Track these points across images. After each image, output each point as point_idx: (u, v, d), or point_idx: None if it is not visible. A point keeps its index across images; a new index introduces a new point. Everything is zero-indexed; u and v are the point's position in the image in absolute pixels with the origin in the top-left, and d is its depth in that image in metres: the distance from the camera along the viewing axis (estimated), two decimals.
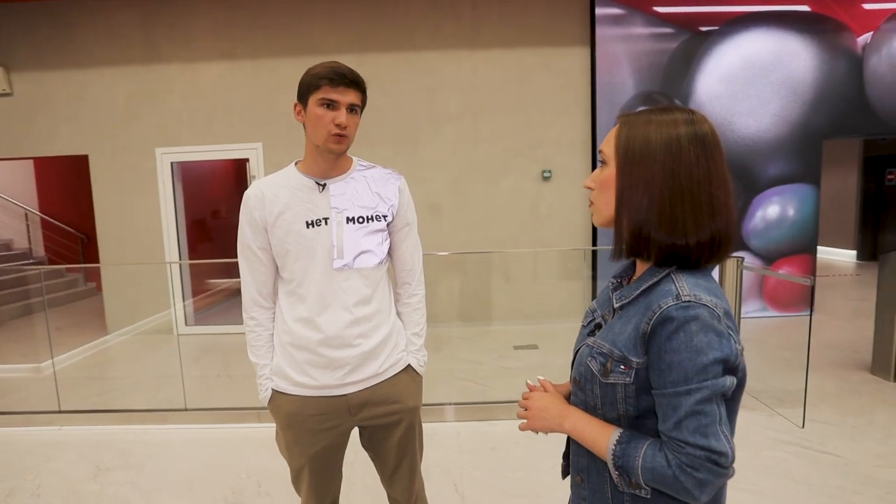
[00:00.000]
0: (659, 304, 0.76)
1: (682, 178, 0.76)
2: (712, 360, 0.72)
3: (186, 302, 5.27)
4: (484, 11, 5.02)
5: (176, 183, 5.15)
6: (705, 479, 0.71)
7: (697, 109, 0.82)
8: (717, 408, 0.72)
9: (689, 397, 0.72)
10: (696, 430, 0.71)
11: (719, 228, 0.78)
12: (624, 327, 0.81)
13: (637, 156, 0.79)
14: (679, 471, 0.72)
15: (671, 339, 0.73)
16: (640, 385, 0.78)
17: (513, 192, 5.22)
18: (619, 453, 0.78)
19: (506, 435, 2.88)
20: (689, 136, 0.77)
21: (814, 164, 5.12)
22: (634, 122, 0.81)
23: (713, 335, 0.72)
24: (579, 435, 0.85)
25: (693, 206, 0.76)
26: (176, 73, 5.04)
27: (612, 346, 0.81)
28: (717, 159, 0.78)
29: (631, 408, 0.80)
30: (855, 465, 2.47)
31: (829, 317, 5.20)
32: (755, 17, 5.01)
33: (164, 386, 3.76)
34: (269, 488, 2.43)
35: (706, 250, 0.78)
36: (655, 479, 0.75)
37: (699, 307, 0.73)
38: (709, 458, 0.70)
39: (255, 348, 1.36)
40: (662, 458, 0.74)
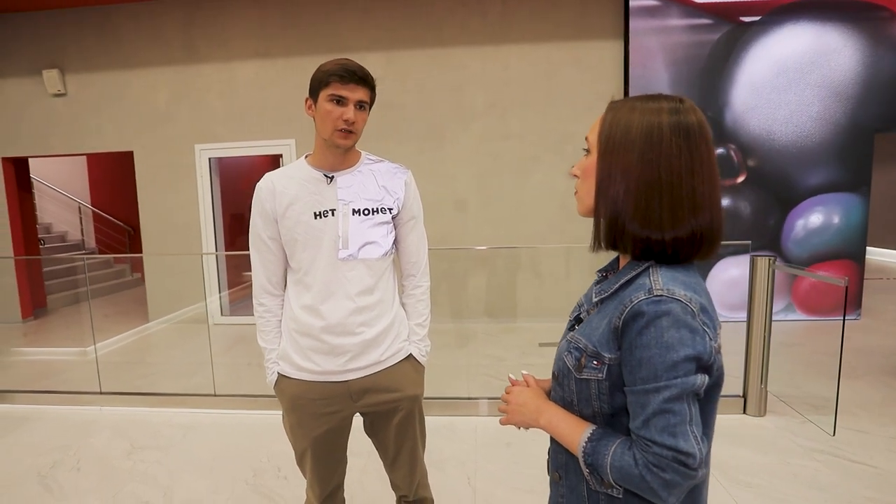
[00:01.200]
0: (631, 299, 0.74)
1: (661, 169, 0.74)
2: (683, 358, 0.70)
3: (223, 293, 5.48)
4: (513, 6, 4.98)
5: (213, 178, 5.35)
6: (672, 480, 0.69)
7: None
8: (687, 407, 0.70)
9: (658, 395, 0.70)
10: (664, 430, 0.69)
11: (701, 224, 0.75)
12: (600, 322, 0.80)
13: (617, 143, 0.77)
14: (646, 470, 0.70)
15: (642, 335, 0.71)
16: (614, 381, 0.77)
17: (542, 188, 5.17)
18: (590, 451, 0.77)
19: (523, 432, 2.84)
20: (672, 126, 0.74)
21: (864, 162, 4.83)
22: (619, 109, 0.79)
23: (686, 331, 0.70)
24: (554, 431, 0.84)
25: (672, 199, 0.74)
26: (213, 73, 5.23)
27: (587, 340, 0.80)
28: (703, 151, 0.75)
29: (605, 405, 0.78)
30: (890, 475, 2.34)
31: (878, 321, 4.91)
32: (797, 7, 4.76)
33: (197, 372, 3.92)
34: (287, 472, 2.51)
35: (685, 246, 0.75)
36: (623, 478, 0.73)
37: (671, 302, 0.71)
38: (675, 458, 0.68)
39: (264, 333, 1.41)
40: (630, 456, 0.72)
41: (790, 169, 4.89)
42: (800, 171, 4.89)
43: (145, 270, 5.66)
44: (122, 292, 7.55)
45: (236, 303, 5.84)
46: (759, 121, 4.88)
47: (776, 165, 4.91)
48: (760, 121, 4.88)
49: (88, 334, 5.09)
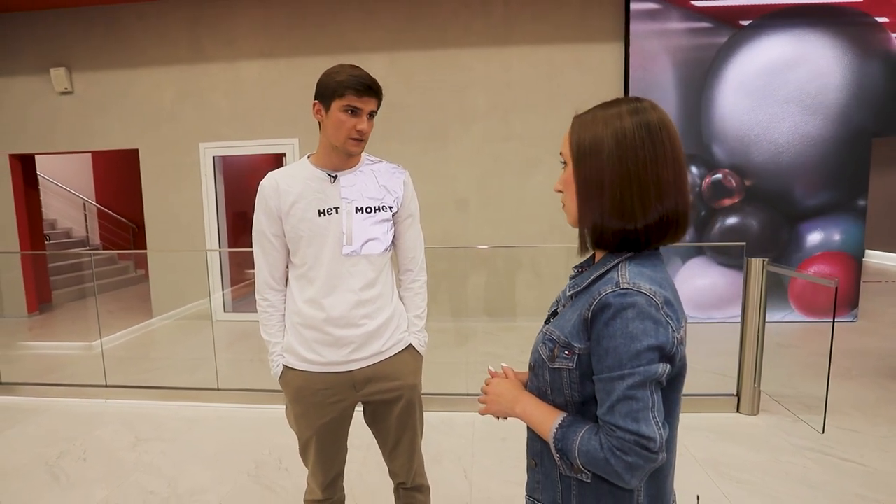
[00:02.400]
0: (599, 292, 0.78)
1: (628, 163, 0.78)
2: (646, 347, 0.74)
3: (225, 290, 5.54)
4: (515, 9, 5.04)
5: (217, 176, 5.42)
6: (634, 463, 0.72)
7: (645, 98, 0.84)
8: (649, 394, 0.74)
9: (622, 382, 0.74)
10: (627, 415, 0.73)
11: (667, 209, 0.79)
12: (572, 315, 0.84)
13: (586, 150, 0.82)
14: (610, 454, 0.74)
15: (608, 326, 0.76)
16: (584, 371, 0.81)
17: (542, 189, 5.21)
18: (560, 436, 0.81)
19: (518, 427, 2.89)
20: (634, 125, 0.79)
21: (862, 167, 4.87)
22: (583, 121, 0.84)
23: (649, 323, 0.74)
24: (528, 419, 0.88)
25: (640, 188, 0.78)
26: (218, 72, 5.29)
27: (560, 332, 0.85)
28: (665, 141, 0.79)
29: (576, 393, 0.83)
30: (880, 474, 2.38)
31: (875, 324, 4.95)
32: (788, 13, 4.79)
33: (200, 367, 3.98)
34: (288, 464, 2.57)
35: (655, 231, 0.80)
36: (590, 462, 0.77)
37: (636, 295, 0.75)
38: (637, 442, 0.72)
39: (268, 327, 1.47)
40: (597, 441, 0.76)
41: (790, 178, 4.93)
42: (801, 180, 4.92)
43: (149, 267, 5.73)
44: (126, 288, 7.62)
45: (239, 300, 5.91)
46: (752, 124, 4.92)
47: (774, 174, 4.94)
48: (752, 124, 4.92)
49: (93, 329, 5.16)
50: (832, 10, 4.77)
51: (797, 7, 4.80)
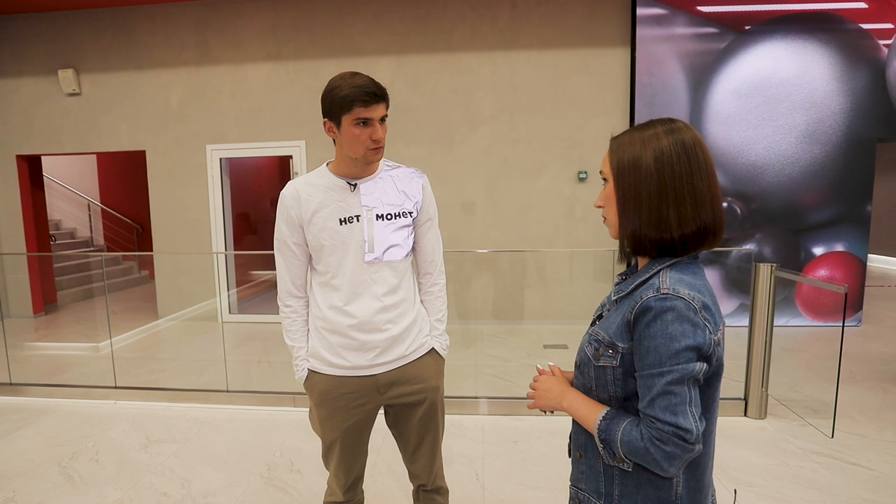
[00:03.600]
0: (641, 296, 0.85)
1: (665, 176, 0.85)
2: (685, 347, 0.80)
3: (231, 291, 5.56)
4: (522, 12, 5.06)
5: (224, 178, 5.44)
6: (672, 453, 0.79)
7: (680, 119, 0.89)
8: (687, 390, 0.80)
9: (662, 378, 0.80)
10: (667, 408, 0.79)
11: (705, 219, 0.85)
12: (616, 317, 0.90)
13: (628, 170, 0.88)
14: (650, 444, 0.80)
15: (649, 327, 0.82)
16: (627, 369, 0.87)
17: (548, 192, 5.24)
18: (604, 427, 0.88)
19: (529, 430, 2.93)
20: (671, 144, 0.86)
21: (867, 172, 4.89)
22: (621, 143, 0.91)
23: (688, 325, 0.81)
24: (574, 412, 0.95)
25: (676, 200, 0.84)
26: (225, 74, 5.32)
27: (605, 333, 0.91)
28: (699, 155, 0.86)
29: (619, 389, 0.89)
30: (887, 478, 2.40)
31: (879, 328, 4.97)
32: (782, 21, 4.83)
33: (208, 368, 4.01)
34: (300, 466, 2.58)
35: (691, 239, 0.86)
36: (631, 452, 0.83)
37: (676, 299, 0.81)
38: (675, 433, 0.78)
39: (291, 332, 1.49)
40: (638, 432, 0.82)
41: (796, 193, 4.96)
42: (807, 194, 4.95)
43: (155, 268, 5.74)
44: (130, 289, 7.63)
45: (244, 301, 5.93)
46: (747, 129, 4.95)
47: (779, 190, 4.97)
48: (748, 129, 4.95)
49: (99, 330, 5.19)
50: (826, 17, 4.80)
51: (796, 14, 4.83)
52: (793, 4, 4.83)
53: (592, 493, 0.94)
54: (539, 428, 2.95)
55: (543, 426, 2.97)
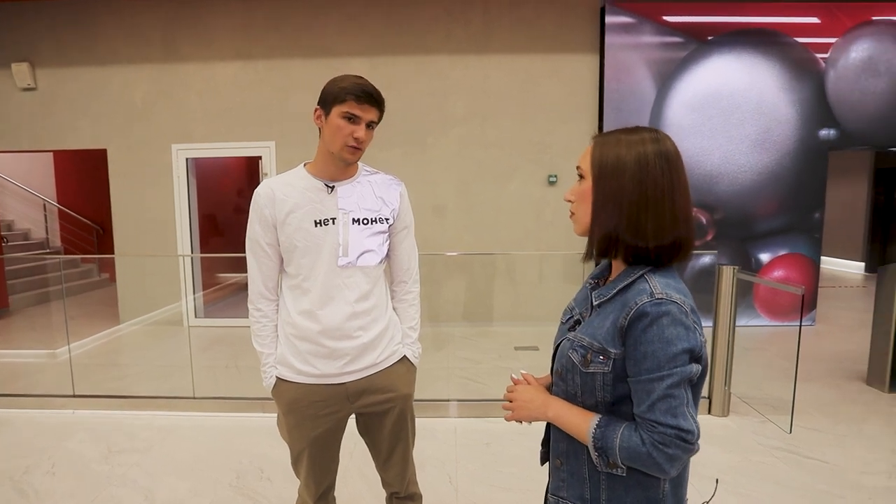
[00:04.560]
0: (635, 301, 0.84)
1: (648, 188, 0.85)
2: (681, 350, 0.81)
3: (196, 295, 5.41)
4: (495, 17, 5.11)
5: (190, 178, 5.29)
6: (674, 455, 0.80)
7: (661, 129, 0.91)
8: (684, 392, 0.81)
9: (662, 383, 0.81)
10: (668, 412, 0.80)
11: (681, 234, 0.87)
12: (602, 322, 0.90)
13: (610, 170, 0.88)
14: (653, 448, 0.80)
15: (646, 332, 0.82)
16: (618, 374, 0.87)
17: (519, 195, 5.30)
18: (599, 436, 0.86)
19: (501, 432, 2.95)
20: (655, 153, 0.86)
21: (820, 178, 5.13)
22: (607, 142, 0.91)
23: (682, 328, 0.82)
24: (561, 422, 0.93)
25: (656, 213, 0.85)
26: (193, 72, 5.18)
27: (591, 339, 0.90)
28: (680, 172, 0.87)
29: (608, 395, 0.88)
30: (841, 470, 2.52)
31: (831, 328, 5.21)
32: (736, 35, 5.04)
33: (173, 374, 3.88)
34: (270, 474, 2.53)
35: (666, 252, 0.87)
36: (631, 457, 0.83)
37: (670, 304, 0.82)
38: (678, 435, 0.79)
39: (261, 338, 1.45)
40: (637, 437, 0.82)
41: (752, 203, 5.16)
42: (763, 204, 5.16)
43: (117, 271, 5.53)
44: (89, 293, 7.33)
45: (211, 304, 5.78)
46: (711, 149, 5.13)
47: (737, 201, 5.16)
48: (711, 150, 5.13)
49: (56, 335, 4.97)
50: (771, 32, 5.02)
51: (745, 30, 5.02)
52: (751, 17, 5.03)
53: (576, 500, 0.93)
54: (511, 430, 2.98)
55: (515, 428, 2.99)
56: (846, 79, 5.04)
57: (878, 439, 2.84)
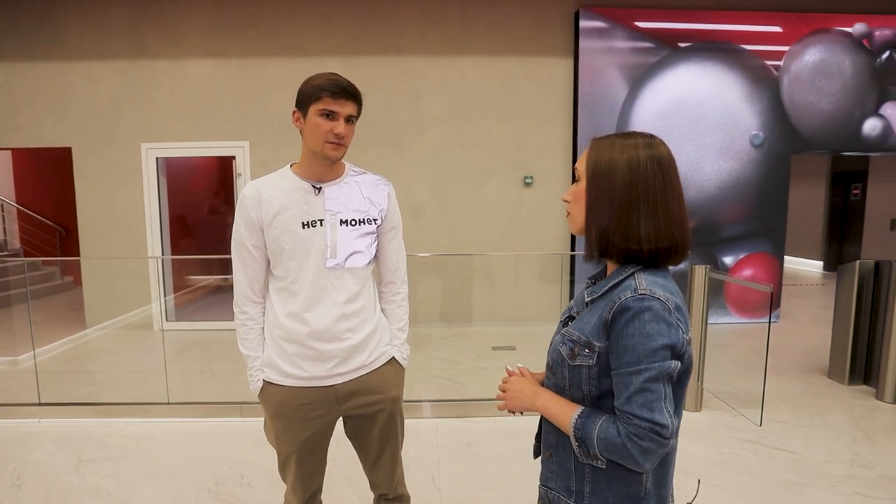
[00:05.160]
0: (619, 297, 0.87)
1: (639, 189, 0.88)
2: (661, 346, 0.83)
3: (168, 297, 5.27)
4: (471, 19, 5.15)
5: (161, 178, 5.15)
6: (648, 448, 0.82)
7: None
8: (662, 387, 0.83)
9: (639, 376, 0.83)
10: (644, 405, 0.82)
11: (676, 236, 0.90)
12: (591, 318, 0.93)
13: (603, 171, 0.91)
14: (627, 440, 0.82)
15: (627, 326, 0.85)
16: (602, 368, 0.89)
17: (495, 196, 5.35)
18: (580, 426, 0.89)
19: (482, 432, 2.98)
20: (648, 157, 0.89)
21: (783, 181, 5.35)
22: (602, 145, 0.94)
23: (663, 325, 0.84)
24: (548, 412, 0.96)
25: (649, 214, 0.88)
26: (164, 70, 5.05)
27: (580, 333, 0.93)
28: (673, 177, 0.90)
29: (594, 388, 0.91)
30: (807, 460, 2.64)
31: (794, 324, 5.43)
32: (699, 47, 5.22)
33: (145, 380, 3.78)
34: (251, 479, 2.49)
35: (662, 254, 0.90)
36: (608, 448, 0.85)
37: (652, 300, 0.85)
38: (652, 429, 0.81)
39: (247, 341, 1.43)
40: (614, 429, 0.84)
41: (720, 209, 5.35)
42: (730, 210, 5.34)
43: (83, 274, 5.34)
44: (51, 297, 7.05)
45: (182, 307, 5.64)
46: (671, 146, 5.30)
47: (706, 208, 5.34)
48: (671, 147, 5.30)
49: (18, 342, 4.76)
50: (729, 43, 5.21)
51: (713, 40, 5.20)
52: (718, 25, 5.20)
53: (563, 492, 0.96)
54: (492, 429, 3.01)
55: (496, 427, 3.03)
56: (801, 85, 5.27)
57: (840, 429, 2.99)
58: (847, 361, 3.65)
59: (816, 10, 5.26)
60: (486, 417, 3.14)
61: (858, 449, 2.76)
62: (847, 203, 8.95)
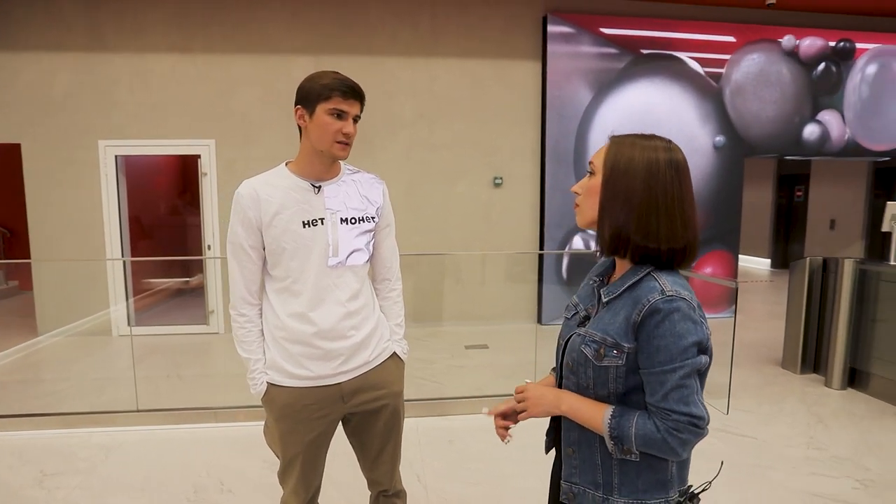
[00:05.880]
0: (648, 299, 0.90)
1: (657, 193, 0.91)
2: (691, 343, 0.88)
3: (129, 301, 5.05)
4: (442, 21, 5.18)
5: (120, 177, 4.93)
6: (687, 439, 0.87)
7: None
8: (694, 381, 0.88)
9: (674, 374, 0.87)
10: (680, 400, 0.86)
11: (689, 239, 0.94)
12: (613, 318, 0.94)
13: (621, 171, 0.93)
14: (667, 434, 0.87)
15: (658, 327, 0.88)
16: (630, 367, 0.92)
17: (466, 197, 5.40)
18: (615, 425, 0.92)
19: (461, 429, 3.02)
20: (666, 161, 0.92)
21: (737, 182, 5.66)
22: (622, 143, 0.96)
23: (690, 323, 0.88)
24: (575, 414, 0.98)
25: (667, 218, 0.91)
26: (123, 64, 4.83)
27: (604, 334, 0.94)
28: (687, 183, 0.94)
29: (620, 386, 0.94)
30: (769, 445, 2.82)
31: (748, 318, 5.74)
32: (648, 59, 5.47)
33: (107, 388, 3.63)
34: (231, 485, 2.44)
35: (679, 255, 0.94)
36: (647, 444, 0.89)
37: (679, 300, 0.88)
38: (690, 421, 0.86)
39: (246, 344, 1.40)
40: (652, 425, 0.88)
41: None
42: None
43: (34, 278, 5.04)
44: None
45: (143, 311, 5.42)
46: None
47: None
48: None
49: None
50: (676, 55, 5.49)
51: (669, 52, 5.45)
52: (675, 33, 5.43)
53: (589, 485, 0.98)
54: (471, 426, 3.05)
55: (475, 424, 3.07)
56: (743, 94, 5.58)
57: (796, 416, 3.20)
58: (799, 352, 3.90)
59: (766, 22, 5.58)
60: (465, 415, 3.19)
61: (813, 433, 2.97)
62: (791, 204, 9.51)
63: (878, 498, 2.36)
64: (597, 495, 0.97)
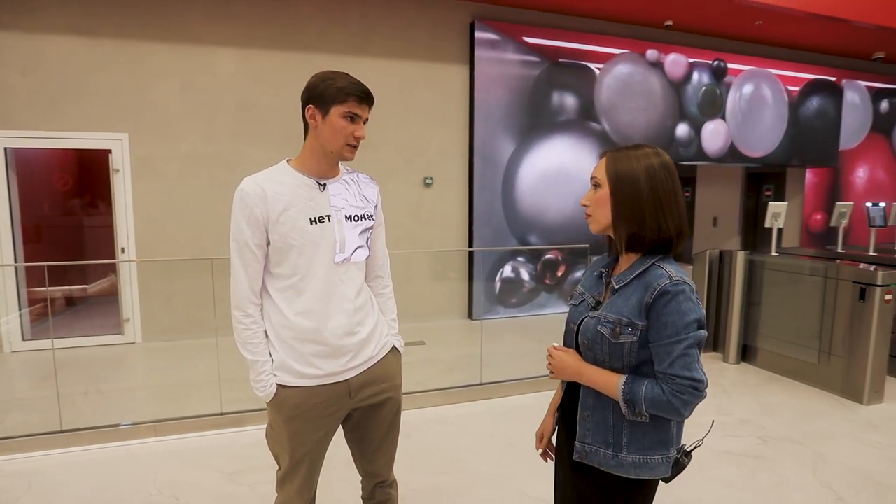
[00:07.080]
0: (658, 283, 1.08)
1: (660, 193, 1.10)
2: (693, 320, 1.06)
3: (23, 311, 4.48)
4: (372, 22, 5.18)
5: (10, 173, 4.36)
6: (689, 400, 1.04)
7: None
8: (696, 351, 1.06)
9: (679, 345, 1.05)
10: (684, 367, 1.04)
11: (682, 227, 1.13)
12: (626, 302, 1.12)
13: (626, 180, 1.12)
14: (672, 396, 1.04)
15: (667, 306, 1.06)
16: (642, 342, 1.09)
17: (397, 196, 5.44)
18: (627, 391, 1.09)
19: (417, 422, 3.10)
20: (659, 164, 1.11)
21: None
22: (618, 157, 1.14)
23: (692, 304, 1.07)
24: (594, 382, 1.15)
25: (668, 212, 1.10)
26: (12, 44, 4.26)
27: (618, 315, 1.11)
28: (677, 180, 1.14)
29: (633, 359, 1.11)
30: None
31: None
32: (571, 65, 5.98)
33: (13, 410, 3.24)
34: (188, 499, 2.32)
35: (678, 241, 1.13)
36: (654, 405, 1.06)
37: (684, 284, 1.07)
38: (692, 385, 1.04)
39: (251, 345, 1.37)
40: (659, 389, 1.06)
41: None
42: None
43: None
44: None
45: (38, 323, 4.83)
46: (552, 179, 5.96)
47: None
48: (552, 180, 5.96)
49: None
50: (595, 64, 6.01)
51: (584, 59, 5.96)
52: (593, 46, 5.91)
53: (601, 445, 1.14)
54: (423, 419, 3.15)
55: (426, 417, 3.18)
56: (613, 102, 6.14)
57: None
58: None
59: (665, 41, 6.25)
60: (415, 409, 3.27)
61: (720, 402, 3.44)
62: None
63: (777, 450, 2.81)
64: (607, 453, 1.14)
